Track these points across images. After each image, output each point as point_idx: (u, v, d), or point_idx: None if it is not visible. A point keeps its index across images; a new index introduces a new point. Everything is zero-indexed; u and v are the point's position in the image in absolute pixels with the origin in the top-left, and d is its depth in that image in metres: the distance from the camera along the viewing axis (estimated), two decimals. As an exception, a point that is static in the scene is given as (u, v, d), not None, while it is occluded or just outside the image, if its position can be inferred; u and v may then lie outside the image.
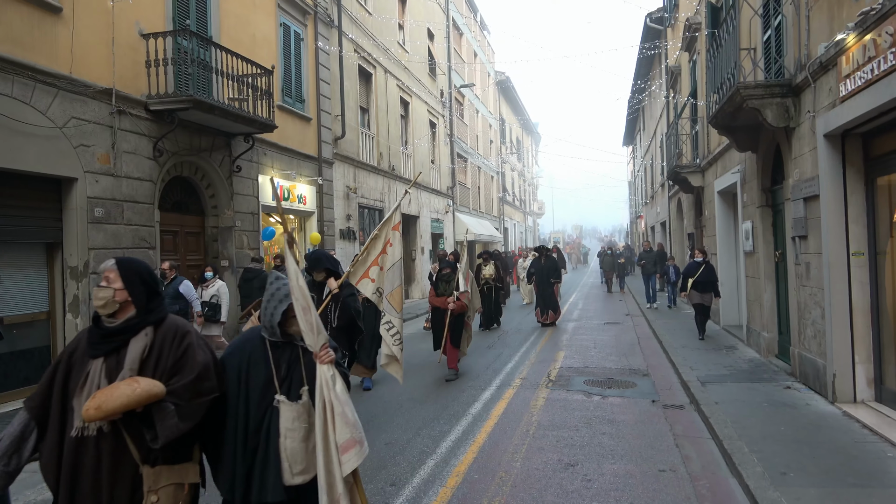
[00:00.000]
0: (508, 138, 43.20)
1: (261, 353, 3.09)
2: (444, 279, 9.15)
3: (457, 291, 8.86)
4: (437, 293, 9.10)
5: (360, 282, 6.14)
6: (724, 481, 5.03)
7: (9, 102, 7.51)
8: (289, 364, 3.09)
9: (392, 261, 6.30)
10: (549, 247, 16.33)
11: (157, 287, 2.88)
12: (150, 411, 2.60)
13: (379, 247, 6.26)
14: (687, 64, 16.07)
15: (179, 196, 11.07)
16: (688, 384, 7.98)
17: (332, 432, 2.92)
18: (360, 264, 6.15)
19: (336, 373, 3.02)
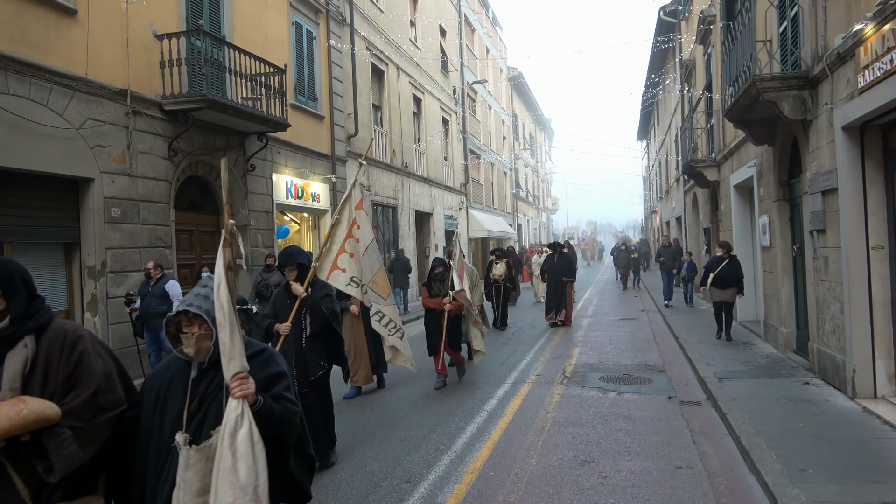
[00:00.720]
0: (521, 134, 43.07)
1: (182, 377, 2.53)
2: (437, 279, 8.48)
3: (452, 292, 8.17)
4: (431, 294, 8.41)
5: (330, 275, 5.49)
6: (742, 478, 4.98)
7: (27, 104, 7.60)
8: (204, 395, 2.48)
9: (364, 244, 5.68)
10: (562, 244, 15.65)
11: (35, 289, 2.42)
12: (40, 438, 2.15)
13: (343, 231, 5.56)
14: (701, 57, 15.92)
15: (194, 195, 11.15)
16: (704, 380, 7.92)
17: (214, 493, 2.28)
18: (326, 255, 5.51)
19: (245, 413, 2.31)
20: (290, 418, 2.53)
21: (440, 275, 8.47)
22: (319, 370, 5.42)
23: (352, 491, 4.86)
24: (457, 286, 8.21)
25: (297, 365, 5.31)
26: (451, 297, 8.09)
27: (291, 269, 5.56)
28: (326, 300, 5.53)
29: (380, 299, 5.91)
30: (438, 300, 8.21)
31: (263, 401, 2.41)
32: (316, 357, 5.41)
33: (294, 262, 5.56)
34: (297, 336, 5.33)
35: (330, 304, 5.54)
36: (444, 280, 8.40)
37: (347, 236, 5.56)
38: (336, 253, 5.52)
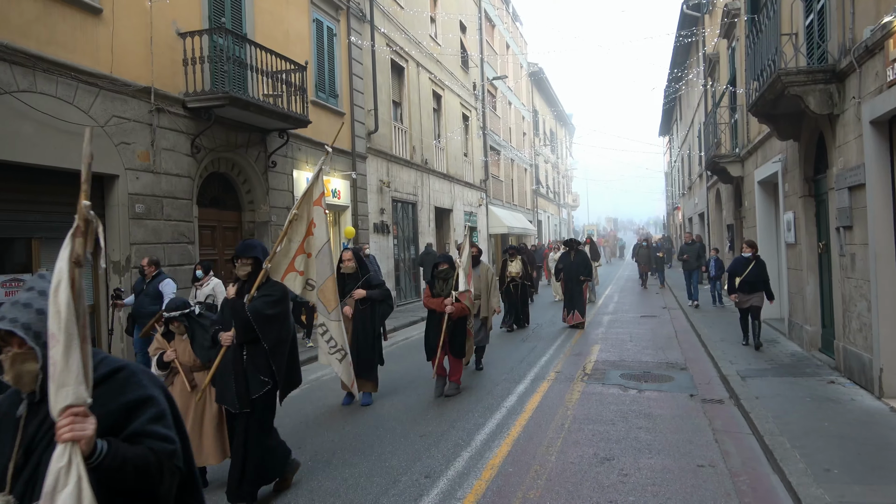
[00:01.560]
0: (542, 130, 42.86)
1: (13, 417, 1.89)
2: (441, 277, 7.70)
3: (455, 292, 7.46)
4: (433, 293, 7.67)
5: (284, 278, 4.88)
6: (766, 477, 4.92)
7: (53, 102, 7.73)
8: (33, 440, 1.83)
9: (317, 246, 5.02)
10: (579, 240, 14.91)
11: None
12: None
13: (302, 229, 4.95)
14: (725, 51, 15.70)
15: (217, 192, 11.26)
16: (727, 378, 7.83)
17: None
18: (283, 255, 4.87)
19: (74, 466, 1.63)
20: (158, 465, 1.83)
21: (444, 273, 7.71)
22: (261, 388, 4.59)
23: (371, 486, 4.88)
24: (461, 286, 7.51)
25: (237, 381, 4.60)
26: (454, 298, 7.40)
27: (245, 263, 4.72)
28: (260, 302, 4.58)
29: (325, 311, 5.37)
30: (439, 301, 7.49)
31: (107, 449, 1.73)
32: (256, 372, 4.59)
33: (250, 254, 4.71)
34: (238, 347, 4.65)
35: (261, 305, 4.57)
36: (448, 279, 7.65)
37: (307, 234, 5.02)
38: (294, 253, 4.94)
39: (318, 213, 5.06)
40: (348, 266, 7.30)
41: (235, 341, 4.59)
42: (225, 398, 4.69)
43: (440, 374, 7.65)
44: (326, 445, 5.89)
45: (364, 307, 7.22)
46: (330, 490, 4.82)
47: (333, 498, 4.67)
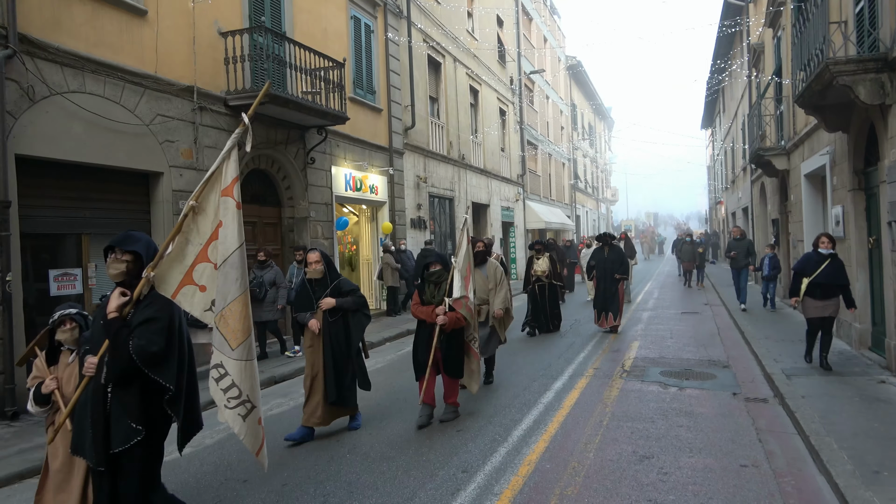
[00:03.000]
0: (580, 124, 42.41)
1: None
2: (432, 280, 6.42)
3: (449, 298, 6.19)
4: (423, 300, 6.40)
5: (178, 292, 3.51)
6: (811, 479, 4.79)
7: (102, 102, 7.97)
8: None
9: (225, 252, 3.50)
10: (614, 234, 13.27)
11: None
12: None
13: (207, 228, 3.58)
14: (771, 41, 15.27)
15: (257, 188, 11.46)
16: (772, 377, 7.64)
17: None
18: (175, 260, 3.52)
19: None
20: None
21: (435, 275, 6.43)
22: (129, 438, 3.37)
23: (408, 479, 4.92)
24: (456, 292, 6.15)
25: (95, 425, 3.42)
26: (448, 307, 6.17)
27: (118, 260, 3.51)
28: (144, 328, 3.38)
29: (225, 346, 3.56)
30: (429, 309, 6.23)
31: None
32: (124, 417, 3.39)
33: (129, 247, 3.52)
34: (99, 382, 3.44)
35: (146, 339, 3.34)
36: (440, 283, 6.38)
37: (213, 237, 3.56)
38: (193, 259, 3.57)
39: (228, 207, 3.53)
40: (315, 269, 5.98)
41: (104, 379, 3.40)
42: (80, 448, 3.51)
43: (426, 401, 6.26)
44: (364, 439, 5.96)
45: (335, 319, 5.93)
46: (368, 483, 4.87)
47: (371, 491, 4.72)
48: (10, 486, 5.28)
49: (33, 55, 7.16)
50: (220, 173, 3.59)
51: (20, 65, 6.99)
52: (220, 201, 3.56)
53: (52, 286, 7.76)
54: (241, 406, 3.68)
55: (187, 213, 3.57)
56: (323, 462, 5.36)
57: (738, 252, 14.81)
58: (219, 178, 3.59)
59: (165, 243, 3.54)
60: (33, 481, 4.78)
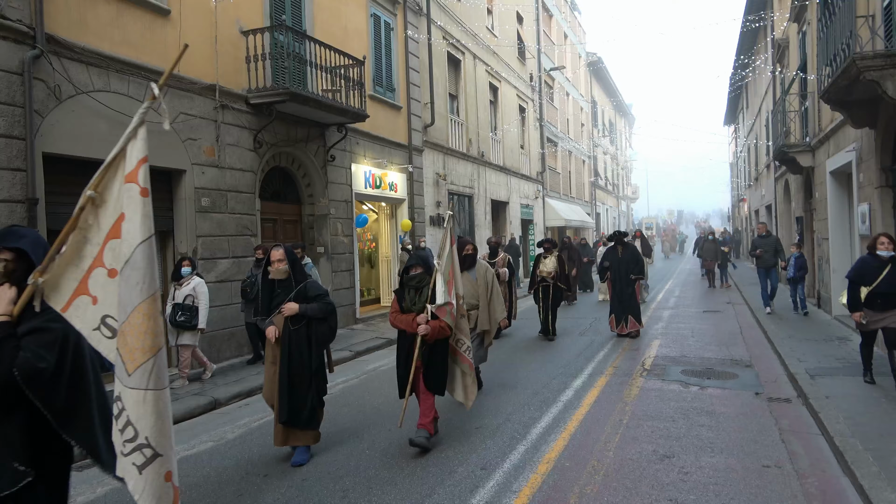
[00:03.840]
0: (601, 121, 42.12)
1: None
2: (412, 285, 5.72)
3: (431, 305, 5.53)
4: (403, 308, 5.71)
5: (70, 305, 2.84)
6: (835, 480, 4.72)
7: (126, 101, 8.08)
8: None
9: (126, 253, 2.75)
10: (626, 232, 12.37)
11: None
12: None
13: (107, 223, 2.89)
14: (796, 36, 15.03)
15: (278, 186, 11.55)
16: (795, 376, 7.53)
17: None
18: (70, 263, 2.86)
19: None
20: None
21: (416, 280, 5.73)
22: (13, 482, 2.70)
23: (427, 476, 4.93)
24: (439, 298, 5.55)
25: None
26: (430, 314, 5.51)
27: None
28: (32, 339, 2.73)
29: (122, 370, 2.72)
30: (409, 318, 5.55)
31: None
32: (8, 457, 2.71)
33: (10, 244, 2.89)
34: None
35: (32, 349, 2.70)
36: (421, 288, 5.70)
37: (112, 234, 2.87)
38: (90, 265, 2.88)
39: (132, 196, 2.78)
40: (278, 269, 5.27)
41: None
42: None
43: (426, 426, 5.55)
44: (383, 434, 5.98)
45: (297, 328, 5.21)
46: (386, 479, 4.89)
47: (390, 486, 4.74)
48: None
49: (60, 55, 7.28)
50: (124, 155, 2.86)
51: (47, 65, 7.12)
52: (123, 189, 2.80)
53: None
54: (136, 453, 2.71)
55: (84, 206, 2.87)
56: (342, 457, 5.40)
57: (765, 250, 13.75)
58: (122, 161, 2.86)
59: (58, 242, 2.85)
60: None
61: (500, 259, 10.70)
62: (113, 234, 2.84)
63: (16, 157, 6.76)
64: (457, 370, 5.89)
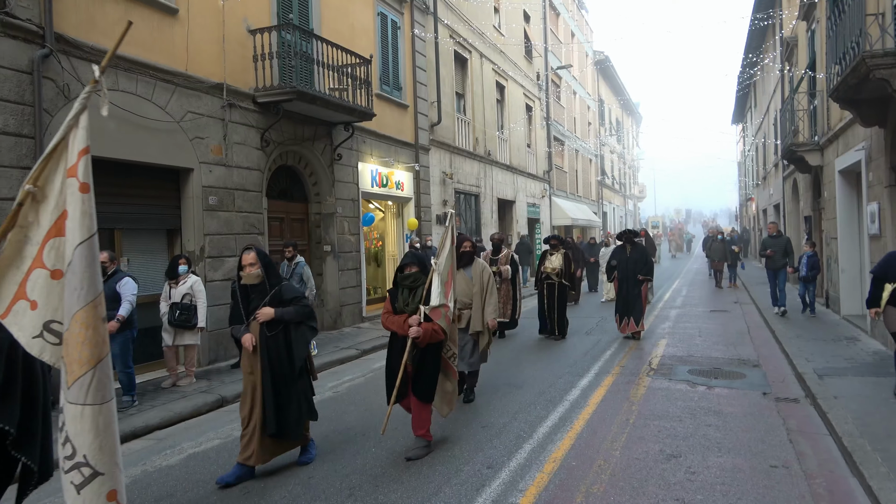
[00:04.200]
0: (608, 120, 42.00)
1: None
2: (406, 285, 5.45)
3: (425, 307, 5.23)
4: (396, 309, 5.44)
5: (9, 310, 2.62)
6: (843, 481, 4.69)
7: (134, 100, 8.12)
8: None
9: (69, 253, 2.58)
10: (637, 231, 11.94)
11: None
12: None
13: (46, 220, 2.68)
14: (805, 34, 14.94)
15: (285, 184, 11.58)
16: (803, 376, 7.50)
17: None
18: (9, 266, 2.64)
19: None
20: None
21: (411, 279, 5.44)
22: None
23: (433, 474, 4.93)
24: (434, 299, 5.23)
25: None
26: (423, 316, 5.22)
27: None
28: None
29: (64, 385, 2.56)
30: (401, 320, 5.29)
31: None
32: None
33: None
34: None
35: None
36: (415, 288, 5.43)
37: (52, 233, 2.66)
38: (29, 266, 2.65)
39: (73, 192, 2.62)
40: (250, 273, 4.93)
41: None
42: None
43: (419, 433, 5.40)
44: (389, 433, 5.98)
45: (274, 334, 4.90)
46: (393, 477, 4.90)
47: (396, 485, 4.74)
48: None
49: (69, 54, 7.32)
50: (66, 146, 2.65)
51: (56, 64, 7.15)
52: (67, 184, 2.60)
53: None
54: (75, 471, 2.55)
55: (23, 201, 2.63)
56: (349, 456, 5.41)
57: (775, 251, 13.21)
58: (63, 152, 2.65)
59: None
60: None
61: (503, 256, 10.56)
62: (55, 232, 2.65)
63: (25, 156, 6.81)
64: (441, 378, 5.56)
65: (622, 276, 10.82)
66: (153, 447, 5.97)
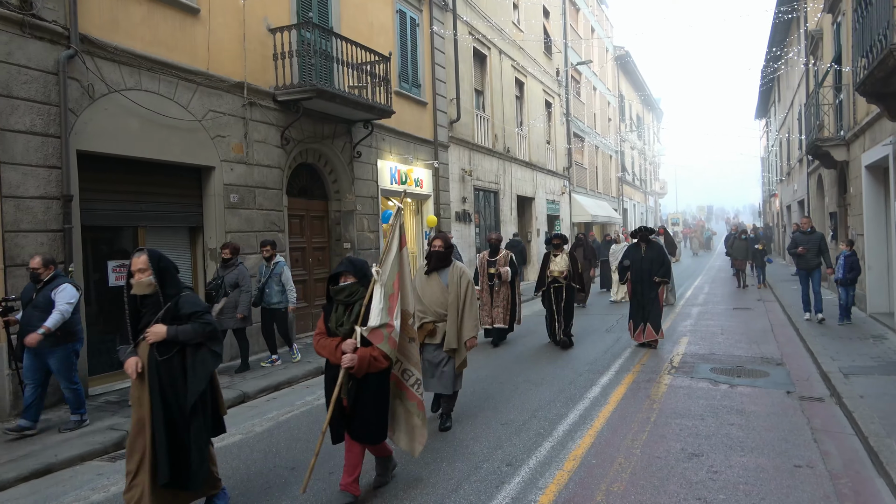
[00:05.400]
0: (628, 115, 41.65)
1: None
2: (340, 299, 4.38)
3: (362, 328, 4.22)
4: (329, 330, 4.40)
5: None
6: (869, 481, 4.61)
7: (157, 99, 8.22)
8: None
9: None
10: (652, 229, 10.67)
11: None
12: None
13: None
14: (830, 27, 14.68)
15: (304, 182, 11.65)
16: (828, 375, 7.38)
17: None
18: None
19: None
20: None
21: (346, 292, 4.37)
22: None
23: (453, 471, 4.94)
24: (374, 318, 4.20)
25: None
26: (359, 340, 4.22)
27: None
28: None
29: None
30: (332, 344, 4.29)
31: None
32: None
33: None
34: None
35: None
36: (352, 303, 4.38)
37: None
38: None
39: None
40: (140, 282, 3.97)
41: None
42: None
43: (348, 489, 4.34)
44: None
45: (167, 358, 3.89)
46: (413, 473, 4.91)
47: (416, 481, 4.76)
48: (73, 468, 5.49)
49: (93, 54, 7.42)
50: None
51: (81, 64, 7.26)
52: None
53: (111, 277, 8.07)
54: None
55: None
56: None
57: (808, 248, 11.50)
58: None
59: None
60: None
61: (501, 257, 10.11)
62: None
63: (51, 155, 6.92)
64: (400, 409, 4.64)
65: (636, 277, 9.75)
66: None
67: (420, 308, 5.77)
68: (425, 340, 5.82)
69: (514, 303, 10.25)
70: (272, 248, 8.89)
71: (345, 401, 4.25)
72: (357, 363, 4.14)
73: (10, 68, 6.58)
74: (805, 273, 11.67)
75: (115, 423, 6.37)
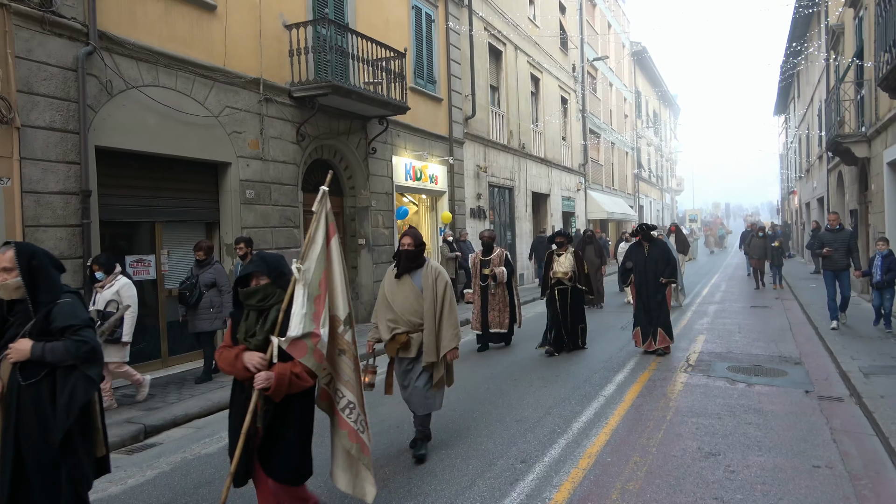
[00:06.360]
0: (644, 112, 41.34)
1: None
2: (252, 304, 3.50)
3: (279, 339, 3.36)
4: (236, 340, 3.52)
5: None
6: (890, 482, 4.54)
7: (174, 95, 8.27)
8: None
9: None
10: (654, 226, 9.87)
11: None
12: None
13: None
14: (852, 21, 14.46)
15: (320, 178, 11.68)
16: (848, 374, 7.28)
17: None
18: None
19: None
20: None
21: (258, 294, 3.49)
22: None
23: (467, 468, 4.93)
24: (295, 326, 3.38)
25: None
26: (273, 355, 3.38)
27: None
28: None
29: None
30: (240, 359, 3.38)
31: None
32: None
33: None
34: None
35: None
36: (266, 309, 3.51)
37: None
38: None
39: None
40: (5, 284, 3.13)
41: None
42: None
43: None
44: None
45: (32, 382, 3.07)
46: (427, 469, 4.91)
47: (430, 477, 4.76)
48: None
49: (111, 51, 7.49)
50: None
51: (99, 61, 7.33)
52: None
53: (129, 271, 8.14)
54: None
55: None
56: (383, 447, 5.43)
57: (835, 248, 10.29)
58: None
59: None
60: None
61: (495, 256, 9.60)
62: None
63: (70, 151, 7.00)
64: (336, 443, 3.79)
65: (640, 280, 9.05)
66: (192, 435, 6.10)
67: (390, 317, 5.04)
68: (399, 354, 5.07)
69: (512, 305, 9.73)
70: (246, 246, 8.00)
71: (259, 430, 3.41)
72: (274, 383, 3.27)
73: (31, 65, 6.66)
74: (832, 274, 10.42)
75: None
